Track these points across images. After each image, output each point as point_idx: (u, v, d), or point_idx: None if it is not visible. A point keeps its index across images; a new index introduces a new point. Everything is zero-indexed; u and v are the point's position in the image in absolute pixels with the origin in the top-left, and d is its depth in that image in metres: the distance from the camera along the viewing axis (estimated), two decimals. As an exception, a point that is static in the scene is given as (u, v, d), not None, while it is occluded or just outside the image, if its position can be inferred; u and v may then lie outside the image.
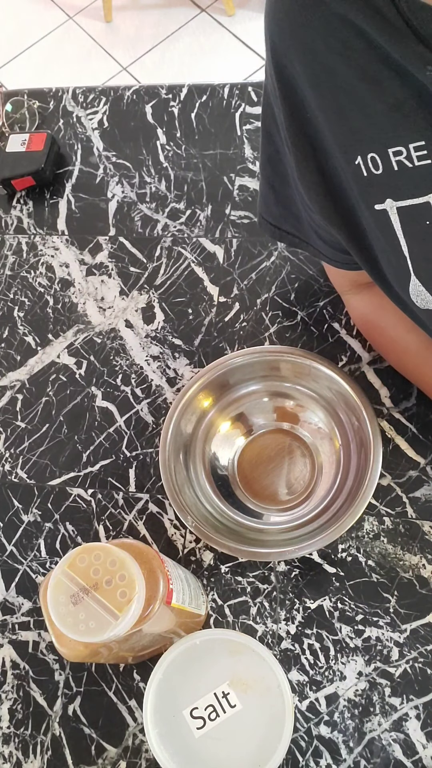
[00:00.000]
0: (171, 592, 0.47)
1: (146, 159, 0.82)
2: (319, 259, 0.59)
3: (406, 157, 0.40)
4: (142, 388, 0.70)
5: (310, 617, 0.59)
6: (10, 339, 0.76)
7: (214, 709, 0.51)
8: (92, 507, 0.66)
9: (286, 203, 0.55)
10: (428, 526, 0.60)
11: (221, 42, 2.25)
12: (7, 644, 0.62)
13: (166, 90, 0.86)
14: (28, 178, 0.81)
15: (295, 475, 0.63)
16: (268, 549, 0.56)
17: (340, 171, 0.45)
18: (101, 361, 0.73)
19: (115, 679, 0.59)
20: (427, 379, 0.61)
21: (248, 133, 0.81)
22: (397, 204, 0.42)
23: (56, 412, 0.71)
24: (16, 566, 0.65)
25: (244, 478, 0.64)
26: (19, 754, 0.59)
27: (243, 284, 0.73)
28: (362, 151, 0.42)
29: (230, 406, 0.66)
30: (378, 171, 0.42)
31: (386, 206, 0.43)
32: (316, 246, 0.56)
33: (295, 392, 0.65)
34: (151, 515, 0.65)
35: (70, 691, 0.60)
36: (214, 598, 0.60)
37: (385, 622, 0.57)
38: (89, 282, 0.77)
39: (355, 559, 0.60)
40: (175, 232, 0.77)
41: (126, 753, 0.57)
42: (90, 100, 0.88)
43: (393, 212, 0.43)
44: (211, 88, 0.85)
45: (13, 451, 0.70)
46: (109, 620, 0.40)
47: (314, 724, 0.56)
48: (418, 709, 0.55)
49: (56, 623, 0.41)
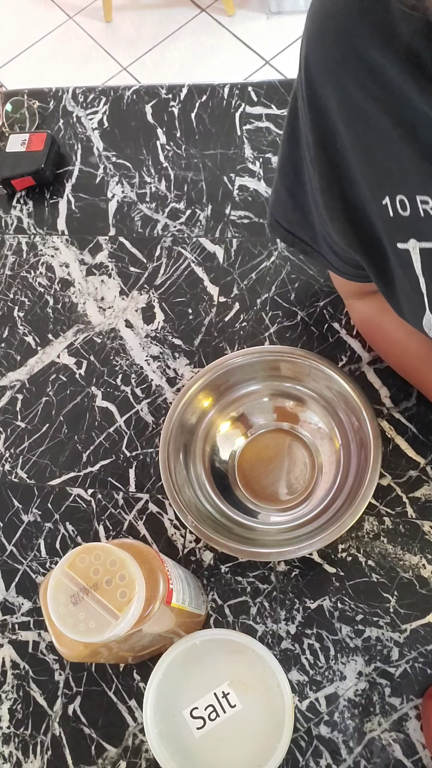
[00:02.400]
0: (171, 592, 0.47)
1: (146, 159, 0.82)
2: (329, 270, 0.59)
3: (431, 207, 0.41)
4: (142, 388, 0.70)
5: (310, 617, 0.59)
6: (10, 339, 0.76)
7: (214, 709, 0.51)
8: (92, 507, 0.66)
9: (304, 211, 0.54)
10: (428, 526, 0.60)
11: (221, 42, 2.25)
12: (7, 644, 0.62)
13: (166, 90, 0.86)
14: (28, 178, 0.81)
15: (295, 475, 0.63)
16: (268, 549, 0.56)
17: (365, 203, 0.46)
18: (101, 361, 0.73)
19: (115, 679, 0.59)
20: (426, 381, 0.61)
21: (248, 133, 0.81)
22: (420, 245, 0.43)
23: (56, 412, 0.71)
24: (16, 566, 0.65)
25: (244, 478, 0.64)
26: (19, 754, 0.59)
27: (243, 284, 0.73)
28: (391, 193, 0.43)
29: (230, 406, 0.66)
30: (405, 213, 0.42)
31: (409, 246, 0.44)
32: (328, 258, 0.56)
33: (295, 392, 0.65)
34: (151, 515, 0.65)
35: (70, 691, 0.60)
36: (214, 598, 0.60)
37: (385, 622, 0.57)
38: (89, 282, 0.77)
39: (355, 559, 0.60)
40: (175, 232, 0.77)
41: (126, 753, 0.57)
42: (90, 100, 0.88)
43: (415, 252, 0.44)
44: (211, 88, 0.85)
45: (13, 451, 0.70)
46: (109, 620, 0.40)
47: (314, 724, 0.56)
48: (418, 709, 0.55)
49: (56, 623, 0.41)
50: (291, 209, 0.56)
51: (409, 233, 0.43)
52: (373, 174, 0.43)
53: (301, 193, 0.53)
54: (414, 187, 0.41)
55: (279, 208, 0.57)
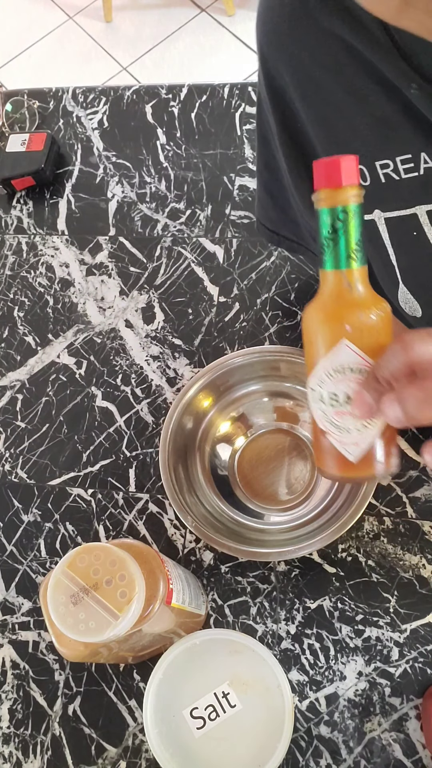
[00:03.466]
0: (171, 592, 0.47)
1: (146, 159, 0.82)
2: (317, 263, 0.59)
3: (393, 170, 0.41)
4: (142, 388, 0.70)
5: (310, 617, 0.59)
6: (10, 339, 0.76)
7: (214, 709, 0.51)
8: (92, 507, 0.66)
9: (284, 207, 0.55)
10: (428, 526, 0.60)
11: (221, 42, 2.25)
12: (7, 644, 0.62)
13: (166, 90, 0.86)
14: (28, 178, 0.81)
15: (295, 475, 0.63)
16: (268, 549, 0.56)
17: None
18: (101, 361, 0.72)
19: (115, 679, 0.59)
20: None
21: (248, 133, 0.81)
22: (384, 215, 0.43)
23: (56, 412, 0.71)
24: (16, 566, 0.65)
25: (244, 478, 0.64)
26: (19, 754, 0.58)
27: (243, 284, 0.73)
28: None
29: (230, 406, 0.66)
30: (366, 183, 0.42)
31: (374, 217, 0.44)
32: (313, 250, 0.56)
33: (295, 392, 0.65)
34: (151, 515, 0.65)
35: (70, 691, 0.60)
36: (214, 598, 0.60)
37: (385, 622, 0.57)
38: (89, 282, 0.77)
39: (355, 559, 0.60)
40: (175, 232, 0.77)
41: (126, 753, 0.57)
42: (90, 100, 0.88)
43: (381, 223, 0.44)
44: (211, 88, 0.85)
45: (13, 451, 0.70)
46: (109, 620, 0.40)
47: (314, 724, 0.56)
48: (418, 709, 0.55)
49: (56, 623, 0.41)
50: (271, 208, 0.56)
51: (372, 204, 0.43)
52: (331, 146, 0.43)
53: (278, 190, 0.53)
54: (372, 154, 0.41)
55: (261, 209, 0.58)
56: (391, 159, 0.40)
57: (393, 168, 0.40)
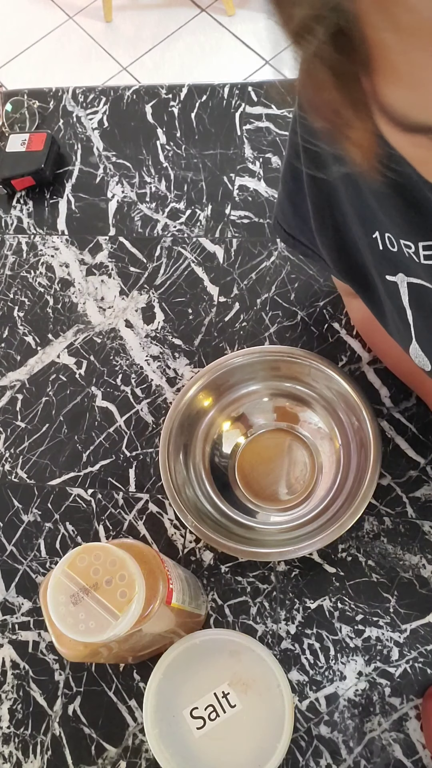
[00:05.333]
0: (171, 592, 0.47)
1: (146, 159, 0.82)
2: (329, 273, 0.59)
3: (414, 252, 0.41)
4: (142, 388, 0.70)
5: (310, 617, 0.59)
6: (10, 339, 0.76)
7: (214, 709, 0.51)
8: (92, 507, 0.66)
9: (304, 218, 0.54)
10: (428, 526, 0.60)
11: (221, 42, 2.25)
12: (7, 644, 0.62)
13: (166, 90, 0.86)
14: (28, 178, 0.81)
15: (295, 475, 0.63)
16: (268, 549, 0.56)
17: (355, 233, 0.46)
18: (101, 361, 0.72)
19: (115, 679, 0.59)
20: (423, 384, 0.61)
21: (248, 133, 0.81)
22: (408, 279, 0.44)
23: (56, 412, 0.71)
24: (16, 566, 0.65)
25: (244, 478, 0.64)
26: (19, 754, 0.58)
27: (243, 284, 0.73)
28: (380, 229, 0.43)
29: (230, 406, 0.66)
30: (394, 249, 0.43)
31: (397, 279, 0.45)
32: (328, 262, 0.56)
33: (295, 392, 0.65)
34: (151, 515, 0.65)
35: (70, 691, 0.60)
36: (214, 598, 0.60)
37: (385, 622, 0.57)
38: (89, 282, 0.77)
39: (355, 559, 0.60)
40: (175, 232, 0.77)
41: (126, 753, 0.57)
42: (90, 100, 0.88)
43: (403, 285, 0.45)
44: (211, 88, 0.85)
45: (13, 451, 0.70)
46: (109, 620, 0.40)
47: (314, 724, 0.56)
48: (418, 709, 0.55)
49: (56, 623, 0.41)
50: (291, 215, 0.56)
51: (398, 267, 0.44)
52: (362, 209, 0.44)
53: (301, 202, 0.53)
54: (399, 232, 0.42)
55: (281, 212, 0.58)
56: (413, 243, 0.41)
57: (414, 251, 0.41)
